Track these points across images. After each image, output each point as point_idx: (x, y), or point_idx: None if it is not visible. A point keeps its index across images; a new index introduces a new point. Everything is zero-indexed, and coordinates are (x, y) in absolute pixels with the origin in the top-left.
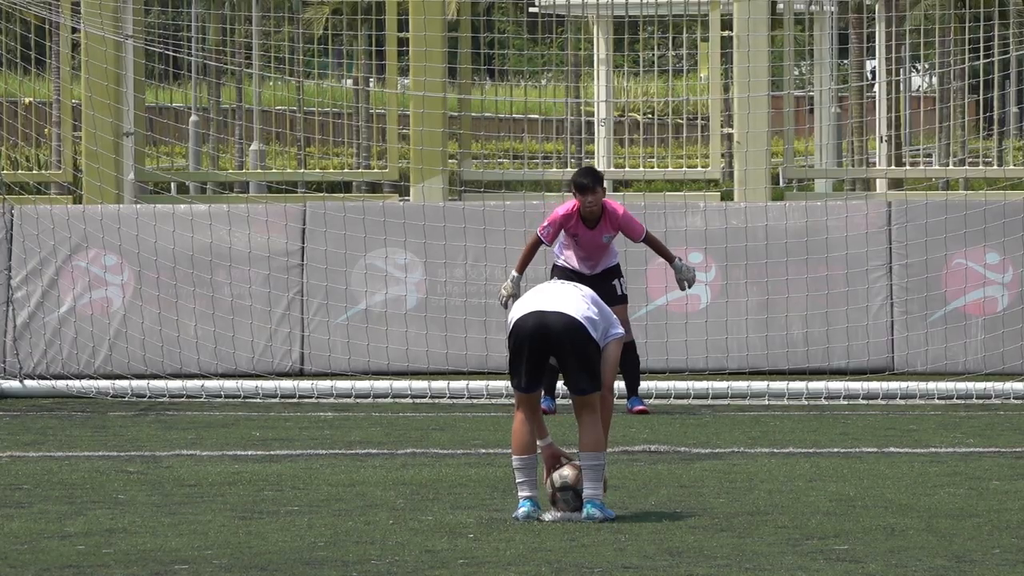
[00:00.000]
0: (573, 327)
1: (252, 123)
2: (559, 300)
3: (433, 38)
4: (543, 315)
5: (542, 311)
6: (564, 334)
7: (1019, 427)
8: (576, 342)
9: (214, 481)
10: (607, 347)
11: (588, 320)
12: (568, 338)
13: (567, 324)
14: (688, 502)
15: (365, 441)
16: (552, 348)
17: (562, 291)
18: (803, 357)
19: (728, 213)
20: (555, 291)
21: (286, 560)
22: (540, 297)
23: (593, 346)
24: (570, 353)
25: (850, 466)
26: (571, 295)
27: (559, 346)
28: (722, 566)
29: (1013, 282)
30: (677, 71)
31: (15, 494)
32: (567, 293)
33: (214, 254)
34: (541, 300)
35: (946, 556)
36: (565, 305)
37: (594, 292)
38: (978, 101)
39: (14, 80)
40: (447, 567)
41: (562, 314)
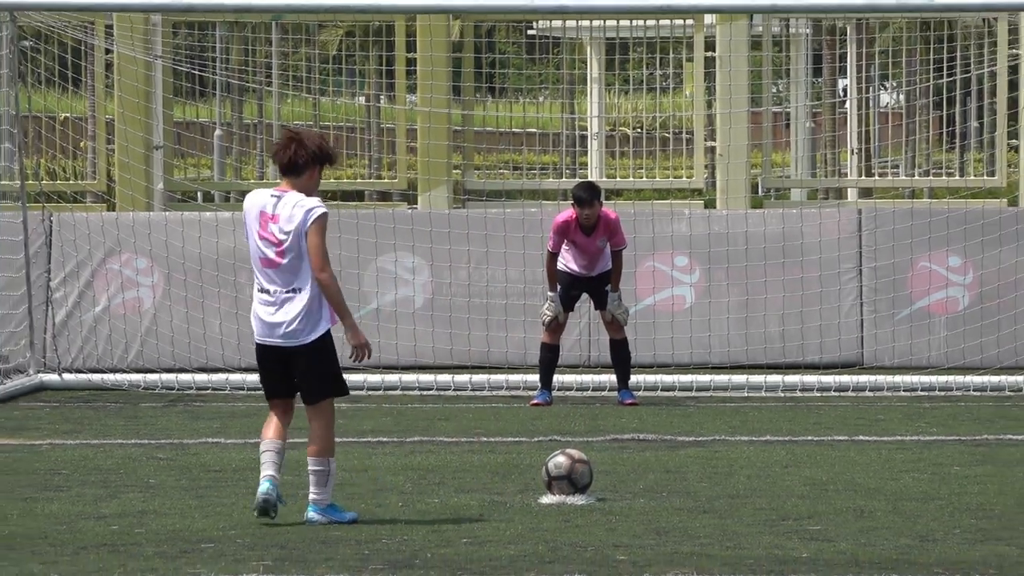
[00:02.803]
0: (308, 353)
1: (272, 137)
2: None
3: (439, 58)
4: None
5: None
6: (299, 360)
7: (978, 417)
8: (309, 361)
9: (237, 467)
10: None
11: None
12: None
13: (295, 348)
14: (673, 486)
15: (376, 430)
16: (287, 365)
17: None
18: (780, 352)
19: (711, 220)
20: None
21: (303, 539)
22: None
23: (323, 353)
24: (306, 371)
25: (823, 453)
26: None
27: (292, 364)
28: (705, 544)
29: (973, 283)
30: (664, 89)
31: (55, 479)
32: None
33: (237, 257)
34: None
35: (911, 536)
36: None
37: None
38: (941, 116)
39: (53, 97)
40: (452, 546)
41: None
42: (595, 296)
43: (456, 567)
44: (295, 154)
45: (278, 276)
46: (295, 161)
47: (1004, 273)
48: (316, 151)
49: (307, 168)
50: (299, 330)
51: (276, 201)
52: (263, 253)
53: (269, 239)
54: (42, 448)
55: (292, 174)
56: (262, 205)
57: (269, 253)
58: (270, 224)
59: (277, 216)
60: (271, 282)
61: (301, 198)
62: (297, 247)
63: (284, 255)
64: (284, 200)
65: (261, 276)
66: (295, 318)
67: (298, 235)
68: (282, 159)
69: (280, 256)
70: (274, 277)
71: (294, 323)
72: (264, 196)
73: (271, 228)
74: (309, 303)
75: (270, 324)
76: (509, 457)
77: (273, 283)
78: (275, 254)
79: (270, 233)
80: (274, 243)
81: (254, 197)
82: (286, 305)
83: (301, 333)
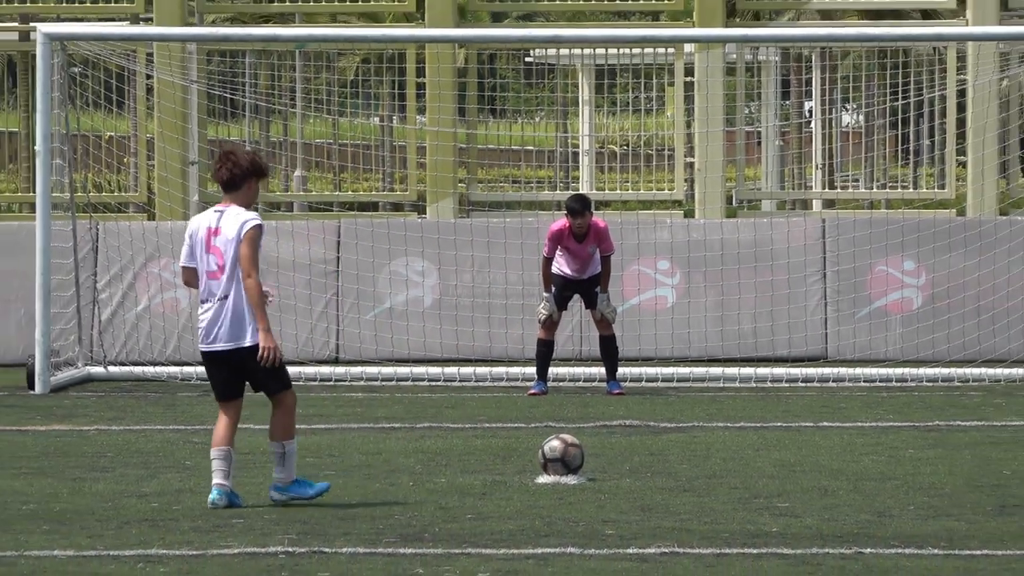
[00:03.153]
0: (246, 354)
1: (296, 153)
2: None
3: (445, 83)
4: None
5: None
6: (243, 360)
7: (930, 406)
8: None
9: (264, 450)
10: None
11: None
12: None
13: (245, 356)
14: (656, 467)
15: (389, 417)
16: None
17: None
18: (752, 347)
19: (690, 228)
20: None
21: (324, 516)
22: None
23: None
24: (253, 371)
25: (790, 437)
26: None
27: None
28: (684, 520)
29: (925, 285)
30: (648, 110)
31: (101, 461)
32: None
33: (264, 262)
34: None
35: (870, 512)
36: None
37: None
38: (897, 135)
39: (99, 118)
40: (457, 521)
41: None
42: (586, 297)
43: (461, 540)
44: (231, 172)
45: (218, 286)
46: (232, 178)
47: (953, 276)
48: (249, 167)
49: (243, 182)
50: (238, 333)
51: (219, 216)
52: (209, 266)
53: (215, 252)
54: (89, 433)
55: (231, 189)
56: (208, 223)
57: (213, 265)
58: (214, 238)
59: (219, 229)
60: (212, 292)
61: (241, 211)
62: (234, 261)
63: (224, 267)
64: (226, 214)
65: (204, 288)
66: (232, 322)
67: (234, 245)
68: (220, 177)
69: (221, 269)
70: (214, 288)
71: (233, 327)
72: (208, 215)
73: (215, 242)
74: (240, 307)
75: (214, 331)
76: (509, 441)
77: (213, 293)
78: (217, 266)
79: (215, 247)
80: (218, 255)
81: (199, 219)
82: (223, 312)
83: (241, 335)
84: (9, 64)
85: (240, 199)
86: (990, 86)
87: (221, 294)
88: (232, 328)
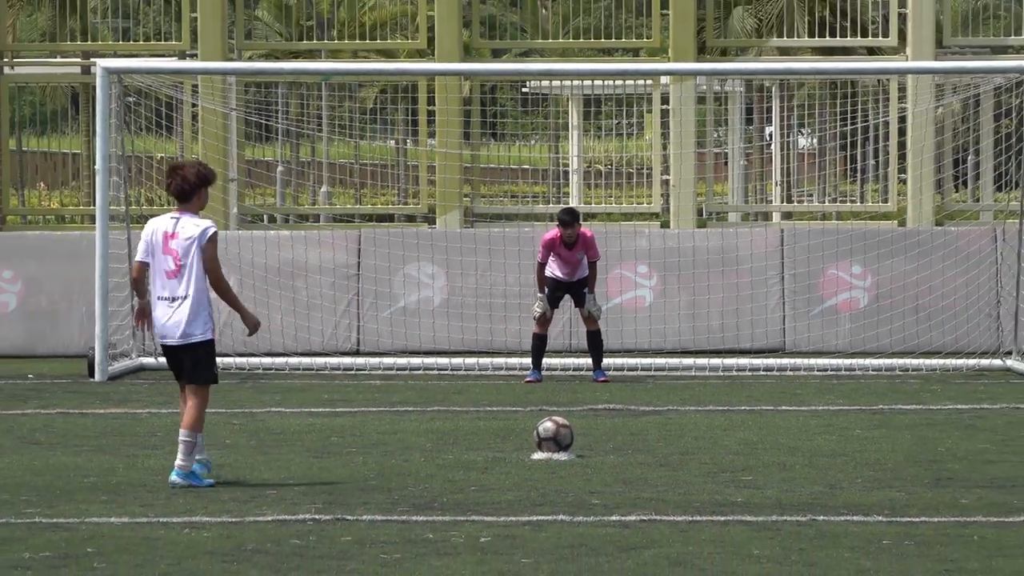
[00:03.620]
0: (188, 346)
1: (322, 172)
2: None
3: (452, 110)
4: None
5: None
6: (186, 355)
7: (875, 391)
8: (193, 356)
9: (294, 430)
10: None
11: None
12: (188, 355)
13: (184, 346)
14: (636, 445)
15: (404, 401)
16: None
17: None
18: (719, 340)
19: (666, 237)
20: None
21: (346, 487)
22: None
23: (204, 351)
24: (189, 363)
25: (753, 419)
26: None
27: (183, 358)
28: (661, 491)
29: (871, 287)
30: (629, 134)
31: (151, 440)
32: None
33: (295, 266)
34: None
35: (823, 484)
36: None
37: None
38: (846, 156)
39: (150, 141)
40: (463, 492)
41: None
42: (575, 296)
43: (466, 509)
44: (181, 185)
45: (175, 285)
46: (183, 189)
47: (895, 279)
48: (196, 179)
49: (194, 192)
50: (189, 332)
51: (175, 222)
52: (167, 266)
53: (171, 254)
54: (142, 416)
55: (183, 200)
56: (164, 227)
57: (170, 266)
58: (171, 241)
59: (176, 234)
60: (170, 290)
61: (196, 219)
62: (188, 260)
63: (180, 268)
64: (181, 221)
65: (162, 286)
66: (187, 321)
67: (191, 249)
68: (172, 190)
69: (178, 269)
70: (172, 286)
71: (185, 325)
72: (165, 219)
73: (172, 244)
74: (195, 307)
75: (169, 326)
76: (507, 423)
77: (171, 291)
78: (174, 266)
79: (172, 249)
80: (175, 257)
81: (156, 222)
82: (179, 310)
83: (192, 334)
84: (73, 95)
85: (192, 207)
86: (927, 113)
87: (181, 293)
88: (187, 324)
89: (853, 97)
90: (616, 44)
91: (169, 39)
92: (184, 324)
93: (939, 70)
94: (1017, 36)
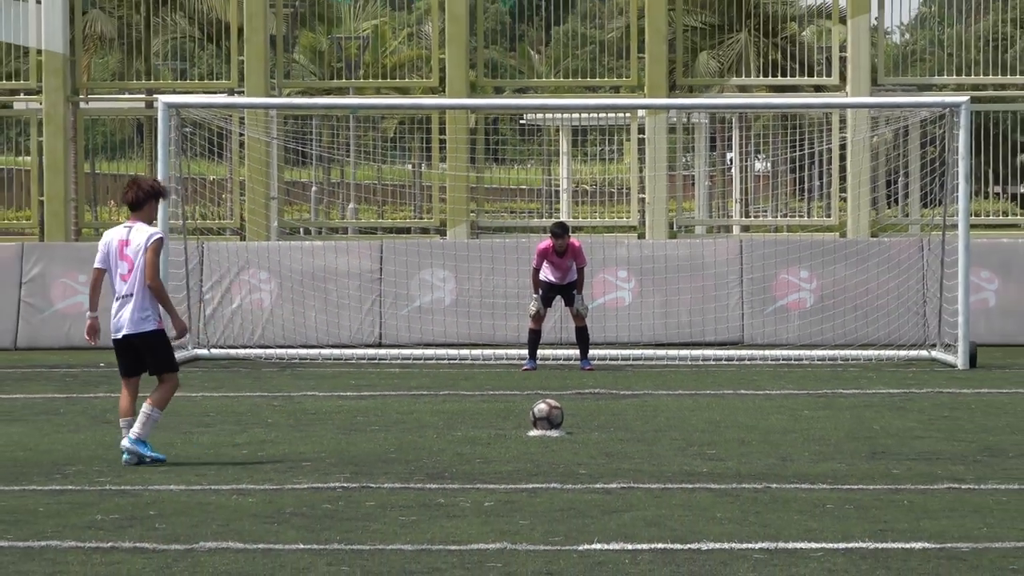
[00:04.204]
0: (142, 336)
1: (349, 191)
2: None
3: (460, 139)
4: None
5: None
6: (142, 345)
7: (820, 378)
8: (149, 347)
9: (327, 411)
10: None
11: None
12: (144, 346)
13: (143, 339)
14: (616, 423)
15: (419, 386)
16: (137, 353)
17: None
18: (688, 335)
19: (642, 246)
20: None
21: (370, 459)
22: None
23: (157, 340)
24: (148, 355)
25: (717, 402)
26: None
27: (141, 350)
28: (638, 463)
29: (816, 289)
30: (610, 159)
31: (205, 419)
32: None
33: (326, 271)
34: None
35: (775, 457)
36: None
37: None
38: (795, 178)
39: (203, 164)
40: (470, 464)
41: (136, 334)
42: (565, 297)
43: (472, 478)
44: (135, 195)
45: (126, 286)
46: (136, 200)
47: (837, 282)
48: (149, 190)
49: (145, 203)
50: (139, 320)
51: (128, 231)
52: (122, 270)
53: (126, 260)
54: (196, 399)
55: (136, 209)
56: (119, 236)
57: (124, 269)
58: (125, 248)
59: (129, 241)
60: (124, 290)
61: (146, 227)
62: (138, 262)
63: (132, 270)
64: (134, 229)
65: (118, 288)
66: (135, 314)
67: (139, 253)
68: (127, 200)
69: (130, 271)
70: (125, 288)
71: (135, 317)
72: (119, 229)
73: (126, 251)
74: (142, 302)
75: (122, 319)
76: (507, 405)
77: (125, 291)
78: (127, 270)
79: (127, 255)
80: (128, 262)
81: (111, 232)
82: (127, 306)
83: (141, 323)
84: (138, 125)
85: (143, 216)
86: (864, 141)
87: (127, 292)
88: (134, 319)
89: (801, 128)
90: (599, 83)
91: (220, 78)
92: (135, 314)
93: (874, 105)
94: (940, 76)
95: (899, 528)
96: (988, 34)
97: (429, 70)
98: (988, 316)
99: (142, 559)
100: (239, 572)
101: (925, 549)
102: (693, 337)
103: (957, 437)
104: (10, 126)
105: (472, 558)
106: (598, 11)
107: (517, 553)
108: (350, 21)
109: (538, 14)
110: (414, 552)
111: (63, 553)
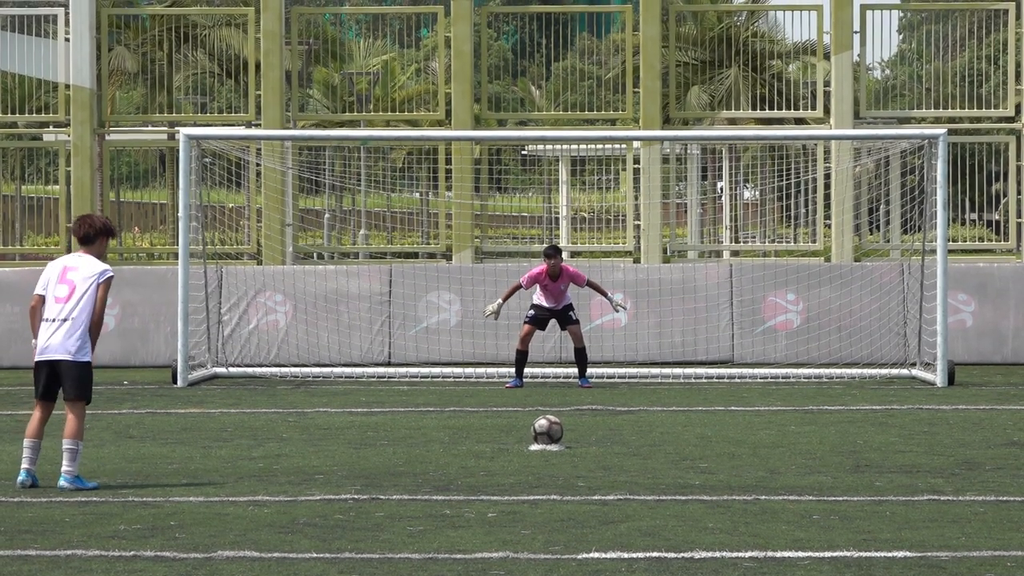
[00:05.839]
0: (70, 364)
1: (361, 218)
2: (60, 344)
3: (465, 168)
4: (54, 362)
5: (54, 360)
6: (68, 372)
7: (806, 395)
8: (75, 376)
9: (339, 426)
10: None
11: (76, 349)
12: (70, 375)
13: (75, 367)
14: (613, 438)
15: (426, 403)
16: (59, 379)
17: (56, 335)
18: (680, 354)
19: (637, 270)
20: (54, 335)
21: (380, 472)
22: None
23: (86, 372)
24: (71, 382)
25: (708, 417)
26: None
27: (63, 375)
28: (633, 475)
29: (803, 311)
30: (607, 188)
31: (223, 434)
32: (59, 335)
33: (338, 294)
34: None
35: (764, 470)
36: (62, 345)
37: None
38: (782, 205)
39: (223, 193)
40: (474, 476)
41: (69, 361)
42: (560, 320)
43: (476, 490)
44: (86, 231)
45: (62, 309)
46: (88, 235)
47: (822, 304)
48: (101, 227)
49: (96, 239)
50: (76, 349)
51: (79, 259)
52: (59, 293)
53: (68, 283)
54: (215, 415)
55: (87, 244)
56: (66, 263)
57: (63, 293)
58: (69, 273)
59: (76, 268)
60: (57, 313)
61: (96, 261)
62: (83, 290)
63: (72, 295)
64: (83, 260)
65: (51, 310)
66: (69, 340)
67: (89, 283)
68: (78, 234)
69: (70, 295)
70: (59, 310)
71: (69, 345)
72: (69, 257)
73: (69, 276)
74: (82, 332)
75: (52, 343)
76: (510, 420)
77: (57, 314)
78: (67, 294)
79: (68, 280)
80: (69, 286)
81: (60, 260)
82: (61, 330)
83: (78, 353)
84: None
85: (93, 251)
86: (847, 171)
87: (63, 316)
88: (64, 344)
89: (787, 158)
90: (597, 116)
91: (238, 112)
92: (69, 341)
93: (856, 137)
94: (919, 110)
95: (882, 538)
96: (964, 70)
97: (436, 104)
98: (965, 336)
99: (163, 567)
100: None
101: (907, 558)
102: (686, 356)
103: (936, 451)
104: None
105: (476, 566)
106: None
107: (519, 562)
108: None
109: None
110: (421, 560)
111: (87, 562)
